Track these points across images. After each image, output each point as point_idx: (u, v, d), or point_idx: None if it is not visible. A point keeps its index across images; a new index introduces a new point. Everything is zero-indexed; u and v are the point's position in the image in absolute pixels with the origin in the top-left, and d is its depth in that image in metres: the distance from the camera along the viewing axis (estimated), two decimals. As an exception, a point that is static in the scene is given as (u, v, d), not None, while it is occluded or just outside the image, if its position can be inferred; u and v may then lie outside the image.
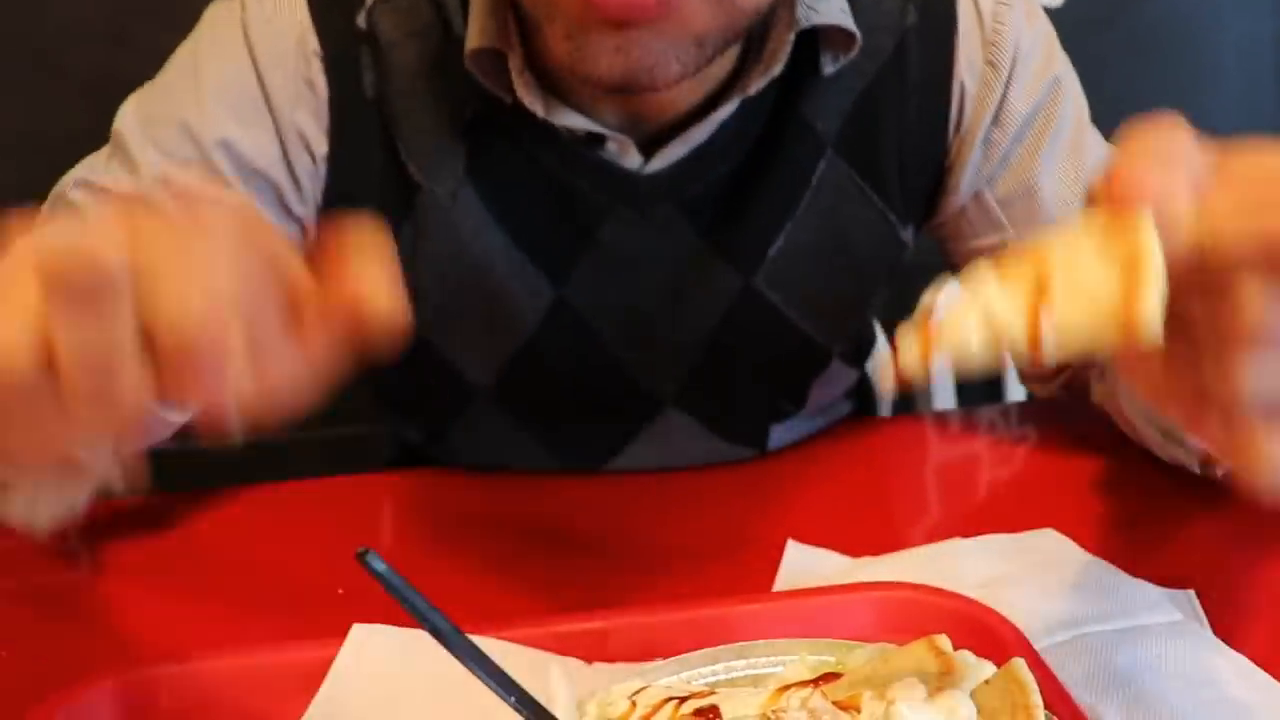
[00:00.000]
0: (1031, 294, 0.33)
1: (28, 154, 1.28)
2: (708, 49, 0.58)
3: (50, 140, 1.24)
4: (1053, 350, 0.33)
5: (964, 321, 0.34)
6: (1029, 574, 0.57)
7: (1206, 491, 0.64)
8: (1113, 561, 0.58)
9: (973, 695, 0.38)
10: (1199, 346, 0.36)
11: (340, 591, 0.61)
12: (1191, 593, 0.55)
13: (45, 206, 0.70)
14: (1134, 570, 0.57)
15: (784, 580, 0.59)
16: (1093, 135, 0.77)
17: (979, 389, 1.16)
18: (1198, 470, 0.66)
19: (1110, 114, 1.51)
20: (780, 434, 0.82)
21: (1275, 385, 0.35)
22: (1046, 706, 0.38)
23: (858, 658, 0.42)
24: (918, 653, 0.39)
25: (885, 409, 1.05)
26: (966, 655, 0.39)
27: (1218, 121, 1.41)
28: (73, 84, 1.30)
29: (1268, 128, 1.41)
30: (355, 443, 0.88)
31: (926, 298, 0.35)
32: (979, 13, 0.73)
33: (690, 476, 0.76)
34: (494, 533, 0.69)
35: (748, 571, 0.60)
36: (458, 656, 0.39)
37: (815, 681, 0.40)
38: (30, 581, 0.66)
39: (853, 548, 0.62)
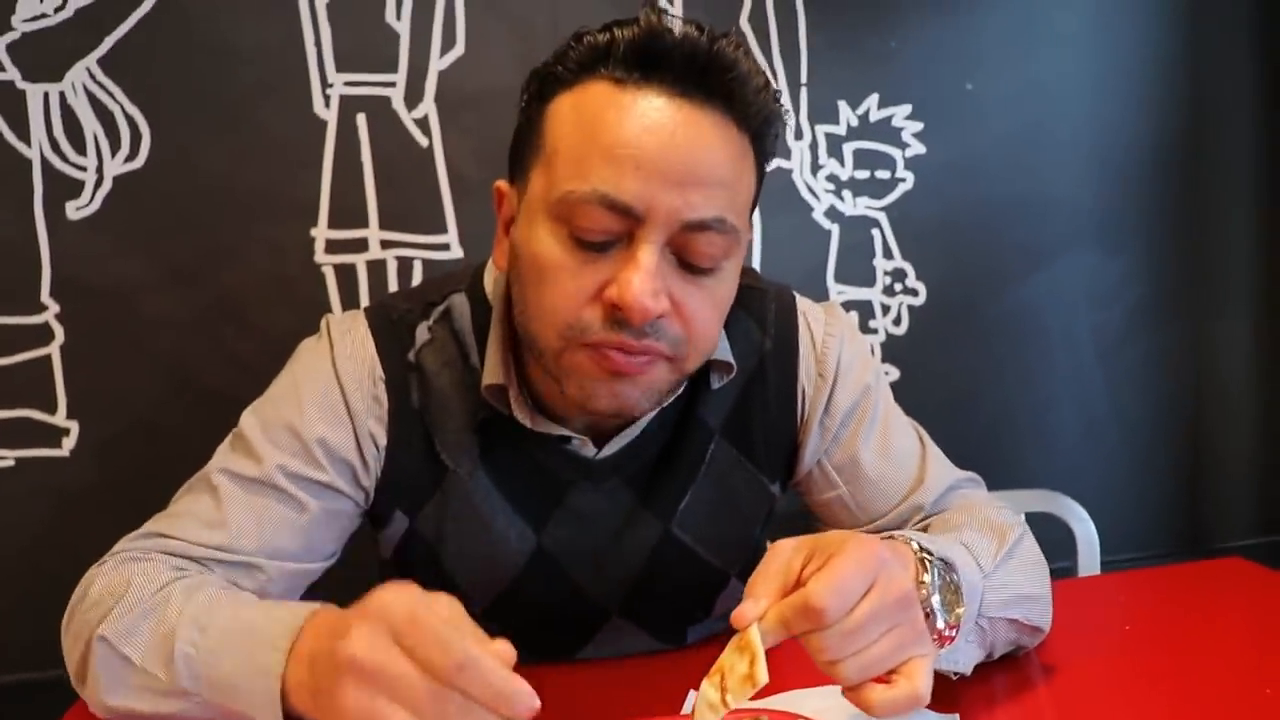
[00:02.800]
0: (719, 682, 0.65)
1: (111, 416, 1.53)
2: (665, 394, 0.83)
3: (133, 407, 1.53)
4: (734, 706, 0.63)
5: (701, 707, 0.65)
6: (851, 705, 0.81)
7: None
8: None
9: None
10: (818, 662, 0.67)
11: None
12: (956, 715, 0.77)
13: (192, 487, 0.87)
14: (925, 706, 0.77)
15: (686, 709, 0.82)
16: (896, 417, 0.99)
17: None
18: None
19: (965, 384, 1.87)
20: (695, 633, 1.02)
21: (855, 672, 0.66)
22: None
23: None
24: None
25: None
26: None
27: (1048, 387, 1.78)
28: (157, 364, 1.53)
29: (1090, 396, 1.77)
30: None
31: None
32: (813, 341, 0.96)
33: (629, 661, 0.96)
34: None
35: (664, 709, 0.82)
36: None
37: None
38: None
39: (735, 697, 0.85)
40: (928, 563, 0.73)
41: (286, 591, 0.87)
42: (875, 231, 1.81)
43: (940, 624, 0.72)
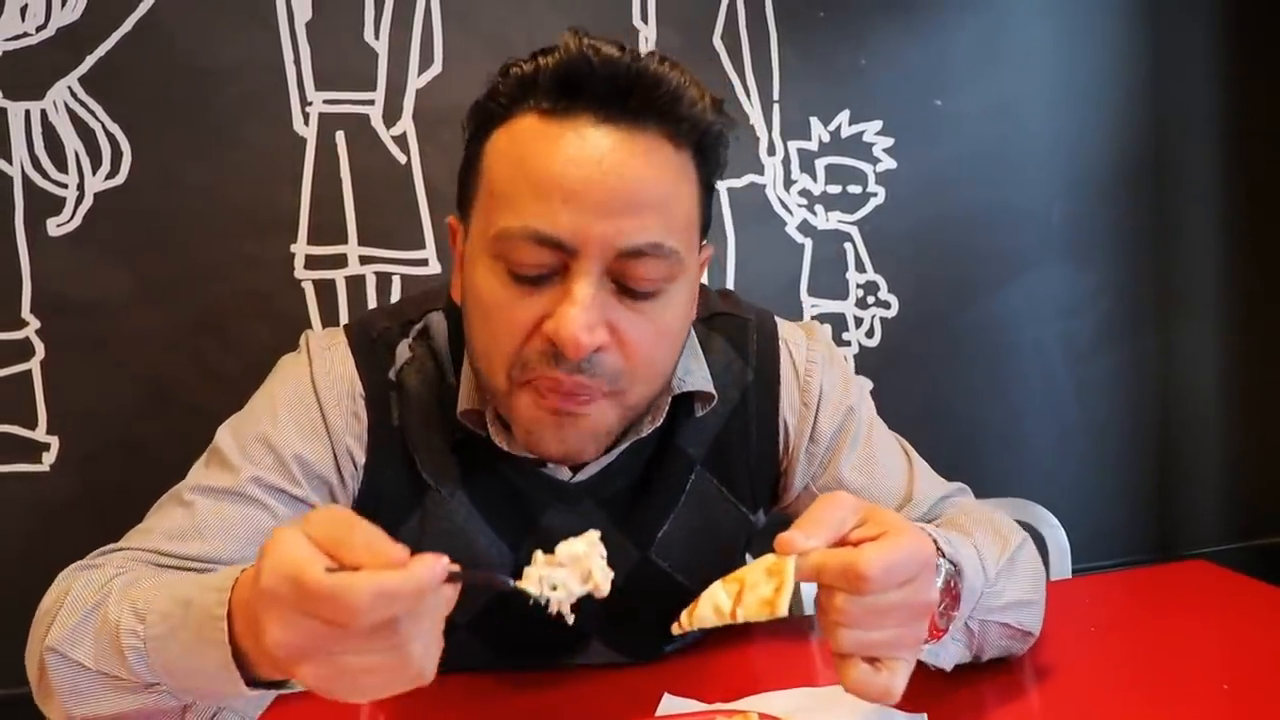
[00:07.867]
0: (734, 594, 0.65)
1: (92, 431, 1.54)
2: (613, 436, 0.82)
3: (113, 422, 1.54)
4: (742, 620, 0.64)
5: (705, 606, 0.66)
6: (820, 705, 0.82)
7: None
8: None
9: None
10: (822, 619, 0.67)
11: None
12: (923, 715, 0.80)
13: (163, 503, 0.86)
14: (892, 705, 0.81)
15: (660, 712, 0.84)
16: (880, 435, 0.99)
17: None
18: None
19: (937, 395, 1.90)
20: (670, 645, 1.01)
21: (849, 644, 0.66)
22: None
23: None
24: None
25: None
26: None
27: (1019, 397, 1.81)
28: (137, 379, 1.54)
29: (1060, 405, 1.80)
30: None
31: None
32: (795, 369, 0.96)
33: (604, 669, 0.97)
34: (484, 704, 0.91)
35: (639, 710, 0.85)
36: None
37: None
38: None
39: (708, 698, 0.85)
40: (939, 565, 0.73)
41: None
42: (848, 245, 1.84)
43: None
